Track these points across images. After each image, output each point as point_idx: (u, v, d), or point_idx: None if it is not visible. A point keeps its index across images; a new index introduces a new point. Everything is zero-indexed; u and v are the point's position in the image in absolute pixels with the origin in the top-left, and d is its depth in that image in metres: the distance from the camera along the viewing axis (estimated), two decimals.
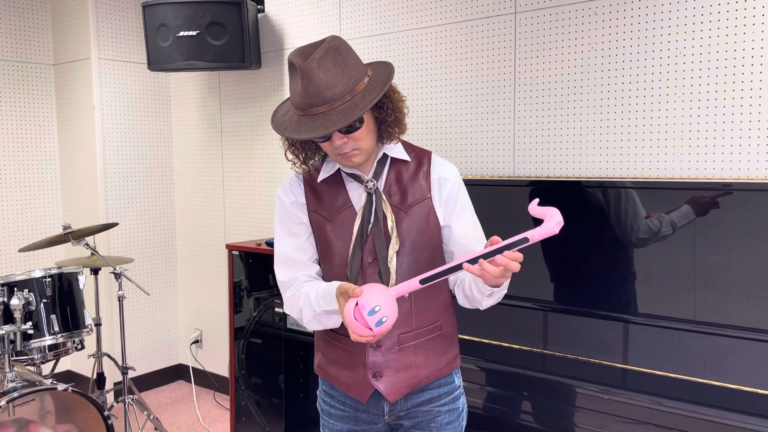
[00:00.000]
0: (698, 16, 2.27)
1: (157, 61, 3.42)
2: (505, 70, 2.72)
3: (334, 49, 1.38)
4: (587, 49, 2.51)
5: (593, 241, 2.34)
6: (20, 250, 2.98)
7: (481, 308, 1.51)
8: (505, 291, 1.47)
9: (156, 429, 3.23)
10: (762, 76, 2.16)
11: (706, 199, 2.12)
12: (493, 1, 2.73)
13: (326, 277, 1.56)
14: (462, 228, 1.54)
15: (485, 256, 1.28)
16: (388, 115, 1.47)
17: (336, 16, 3.28)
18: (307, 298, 1.47)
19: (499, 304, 1.51)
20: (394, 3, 3.05)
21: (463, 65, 2.84)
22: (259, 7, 3.55)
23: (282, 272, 1.57)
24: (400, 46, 3.04)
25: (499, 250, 1.27)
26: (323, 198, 1.55)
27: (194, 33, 3.30)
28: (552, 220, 1.24)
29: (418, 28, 2.97)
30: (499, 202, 2.56)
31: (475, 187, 2.59)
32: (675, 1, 2.31)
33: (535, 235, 1.25)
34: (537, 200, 1.28)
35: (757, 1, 2.16)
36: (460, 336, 1.65)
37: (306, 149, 1.54)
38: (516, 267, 1.27)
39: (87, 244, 2.94)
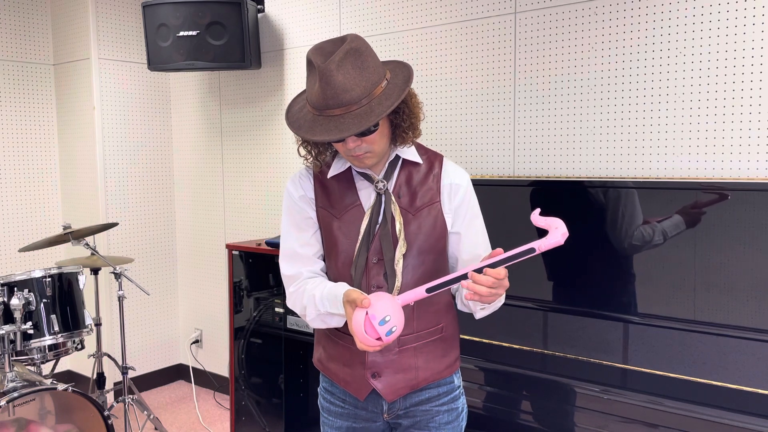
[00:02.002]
0: (698, 16, 2.27)
1: (157, 61, 3.42)
2: (505, 70, 2.72)
3: (354, 50, 1.36)
4: (587, 49, 2.51)
5: (593, 241, 2.34)
6: (20, 250, 2.98)
7: (476, 317, 1.52)
8: (501, 303, 1.48)
9: (156, 429, 3.23)
10: (762, 76, 2.16)
11: (696, 209, 2.12)
12: (493, 1, 2.73)
13: (330, 274, 1.56)
14: (473, 236, 1.54)
15: (491, 266, 1.28)
16: (403, 120, 1.47)
17: (336, 16, 3.28)
18: (311, 297, 1.47)
19: None
20: (394, 3, 3.05)
21: (463, 65, 2.84)
22: (259, 7, 3.55)
23: (286, 266, 1.56)
24: (400, 46, 3.04)
25: (506, 260, 1.28)
26: (332, 195, 1.54)
27: (194, 33, 3.30)
28: (557, 232, 1.25)
29: (418, 28, 2.97)
30: (499, 202, 2.56)
31: (475, 187, 2.59)
32: (675, 1, 2.31)
33: (541, 245, 1.26)
34: (539, 210, 1.28)
35: (757, 1, 2.16)
36: (460, 336, 1.65)
37: (318, 146, 1.54)
38: (501, 284, 1.28)
39: (87, 244, 2.94)
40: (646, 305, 2.21)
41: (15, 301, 2.55)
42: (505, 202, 2.55)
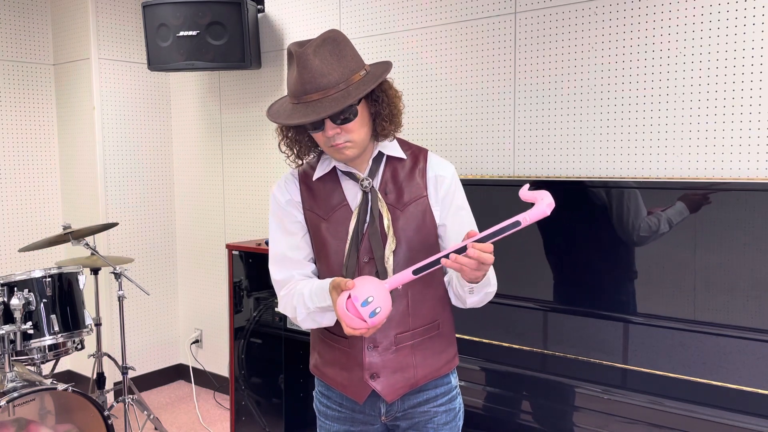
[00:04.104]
0: (698, 16, 2.27)
1: (157, 61, 3.42)
2: (505, 70, 2.72)
3: (332, 39, 1.39)
4: (587, 49, 2.51)
5: (593, 241, 2.34)
6: (20, 250, 2.98)
7: (466, 306, 1.51)
8: (492, 290, 1.48)
9: (156, 429, 3.23)
10: (762, 76, 2.16)
11: (698, 196, 2.13)
12: (493, 1, 2.73)
13: (322, 276, 1.55)
14: (459, 226, 1.53)
15: (477, 242, 1.26)
16: (382, 108, 1.46)
17: (336, 16, 3.28)
18: (300, 296, 1.46)
19: (499, 304, 1.51)
20: (394, 3, 3.05)
21: (463, 65, 2.84)
22: (259, 7, 3.55)
23: (276, 271, 1.55)
24: (400, 46, 3.04)
25: (492, 235, 1.26)
26: (319, 196, 1.54)
27: (194, 33, 3.30)
28: (543, 203, 1.23)
29: (418, 28, 2.97)
30: (498, 202, 2.56)
31: (475, 187, 2.60)
32: (675, 1, 2.31)
33: (526, 218, 1.24)
34: (527, 185, 1.27)
35: (757, 1, 2.16)
36: (460, 336, 1.65)
37: (300, 143, 1.53)
38: (487, 258, 1.27)
39: (87, 244, 2.94)
40: (647, 305, 2.21)
41: (15, 301, 2.55)
42: (505, 203, 2.55)
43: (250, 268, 3.17)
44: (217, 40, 3.32)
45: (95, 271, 3.22)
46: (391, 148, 1.54)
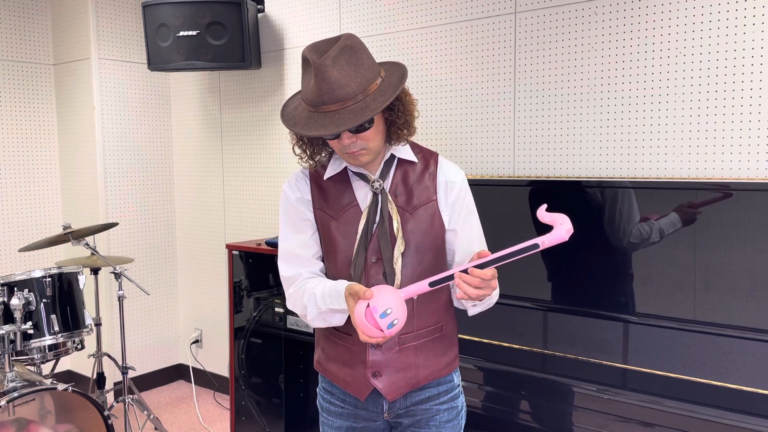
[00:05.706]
0: (698, 16, 2.27)
1: (157, 61, 3.42)
2: (505, 70, 2.72)
3: (349, 47, 1.38)
4: (587, 49, 2.51)
5: (593, 241, 2.34)
6: (20, 250, 2.98)
7: (469, 314, 1.53)
8: (494, 300, 1.49)
9: (156, 429, 3.23)
10: (762, 76, 2.16)
11: (693, 208, 2.13)
12: (493, 1, 2.73)
13: (330, 274, 1.56)
14: (468, 232, 1.55)
15: (492, 262, 1.28)
16: (398, 117, 1.47)
17: (336, 16, 3.28)
18: (312, 295, 1.47)
19: (499, 304, 1.52)
20: (394, 3, 3.05)
21: (463, 65, 2.84)
22: (259, 7, 3.55)
23: (286, 268, 1.57)
24: (400, 46, 3.04)
25: (510, 255, 1.28)
26: (329, 196, 1.55)
27: (194, 33, 3.30)
28: (562, 228, 1.25)
29: (418, 28, 2.97)
30: (498, 201, 2.56)
31: (475, 187, 2.58)
32: (675, 1, 2.31)
33: (545, 241, 1.26)
34: (545, 206, 1.28)
35: (757, 1, 2.16)
36: (459, 335, 1.66)
37: (314, 145, 1.54)
38: (490, 283, 1.30)
39: (87, 244, 2.94)
40: (646, 305, 2.21)
41: (15, 301, 2.55)
42: (505, 202, 2.55)
43: (250, 268, 3.17)
44: (217, 40, 3.33)
45: (95, 271, 3.23)
46: (403, 151, 1.55)
